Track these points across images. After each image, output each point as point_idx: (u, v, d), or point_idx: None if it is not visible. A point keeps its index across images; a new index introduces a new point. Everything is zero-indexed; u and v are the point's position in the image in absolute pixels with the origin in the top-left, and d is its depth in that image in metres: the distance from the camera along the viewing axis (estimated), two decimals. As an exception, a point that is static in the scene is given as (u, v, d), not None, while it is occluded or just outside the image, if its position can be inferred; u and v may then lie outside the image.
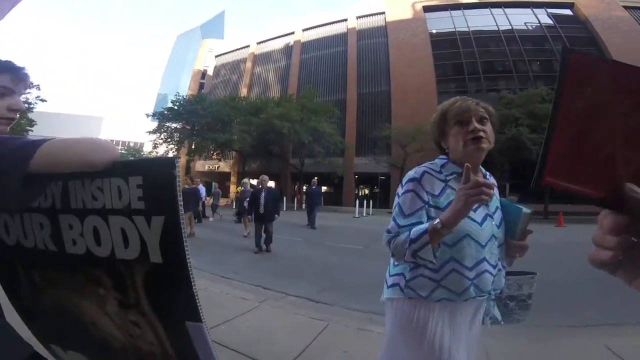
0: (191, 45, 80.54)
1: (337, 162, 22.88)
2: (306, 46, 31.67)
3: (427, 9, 27.24)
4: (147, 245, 0.64)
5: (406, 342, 1.09)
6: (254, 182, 10.38)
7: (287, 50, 32.70)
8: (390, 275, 1.15)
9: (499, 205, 1.12)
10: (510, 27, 25.33)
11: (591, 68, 0.35)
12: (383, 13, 28.43)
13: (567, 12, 25.44)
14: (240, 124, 22.73)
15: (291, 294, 3.72)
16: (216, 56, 39.25)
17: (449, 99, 1.14)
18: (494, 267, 1.05)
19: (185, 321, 0.65)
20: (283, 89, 29.55)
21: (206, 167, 32.39)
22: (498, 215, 1.10)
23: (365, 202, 17.54)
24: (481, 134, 1.02)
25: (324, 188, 32.38)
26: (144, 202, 0.64)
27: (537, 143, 15.99)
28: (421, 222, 1.00)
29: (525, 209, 1.05)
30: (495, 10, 26.26)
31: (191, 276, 0.62)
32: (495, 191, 1.11)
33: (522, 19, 25.72)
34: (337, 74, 28.47)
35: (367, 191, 28.80)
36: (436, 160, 1.13)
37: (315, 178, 11.97)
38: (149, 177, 0.64)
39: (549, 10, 25.56)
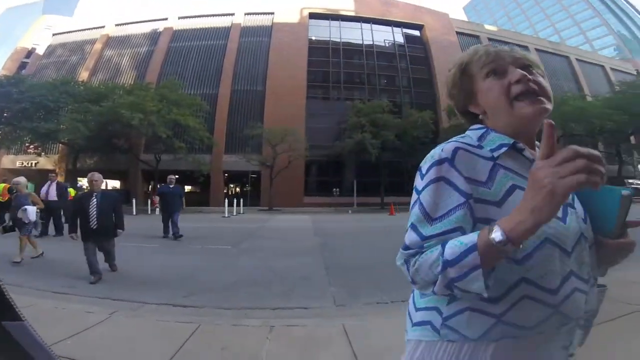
0: (24, 20, 61.06)
1: (203, 159, 21.56)
2: (179, 34, 28.69)
3: (312, 15, 28.70)
4: None
5: None
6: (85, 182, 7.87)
7: (154, 35, 28.80)
8: (417, 310, 0.77)
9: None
10: (372, 43, 29.26)
11: None
12: (272, 13, 28.50)
13: (417, 33, 30.84)
14: (73, 112, 18.56)
15: (151, 302, 3.44)
16: (54, 34, 30.95)
17: (468, 49, 0.81)
18: (586, 281, 0.69)
19: (1, 322, 0.58)
20: (140, 77, 25.71)
21: (18, 164, 24.67)
22: (579, 205, 0.72)
23: (235, 200, 17.26)
24: (533, 85, 0.70)
25: (187, 187, 29.86)
26: None
27: (376, 147, 19.61)
28: (461, 230, 0.64)
29: (625, 190, 0.67)
30: (365, 25, 29.66)
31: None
32: None
33: (383, 35, 29.84)
34: (211, 67, 26.87)
35: (237, 189, 28.30)
36: (468, 132, 0.77)
37: (174, 176, 9.05)
38: None
39: (404, 30, 30.53)
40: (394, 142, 20.63)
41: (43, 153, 22.36)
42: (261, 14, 28.97)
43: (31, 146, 21.12)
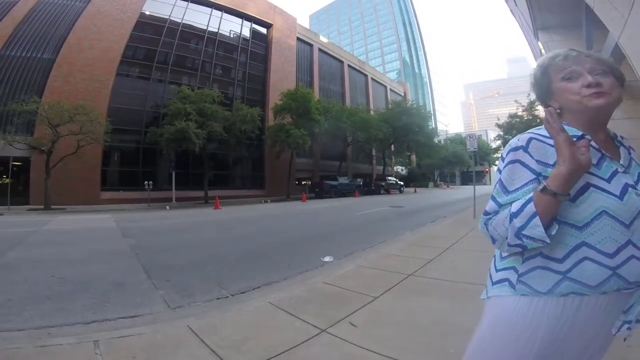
0: None
1: None
2: None
3: None
4: None
5: (510, 347, 0.84)
6: None
7: None
8: (497, 270, 0.92)
9: None
10: (216, 31, 26.84)
11: None
12: None
13: (264, 31, 30.55)
14: None
15: None
16: None
17: (549, 53, 0.94)
18: None
19: None
20: None
21: None
22: None
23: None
24: (599, 88, 0.82)
25: None
26: None
27: (201, 137, 18.43)
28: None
29: None
30: (215, 12, 26.90)
31: None
32: (633, 154, 0.90)
33: (230, 26, 27.97)
34: None
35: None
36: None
37: None
38: None
39: (253, 26, 29.65)
40: (221, 134, 19.98)
41: None
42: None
43: None
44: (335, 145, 32.35)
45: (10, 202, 14.81)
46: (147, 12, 23.83)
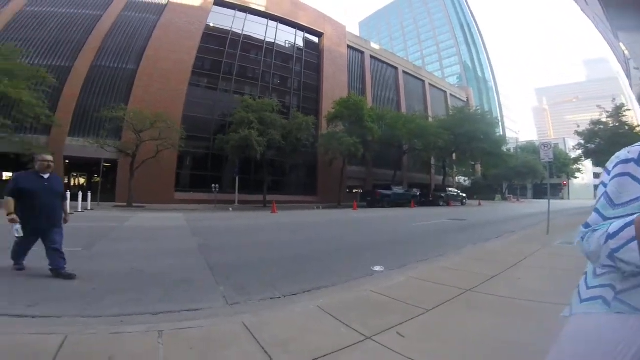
0: None
1: (36, 140, 16.70)
2: None
3: (217, 2, 26.21)
4: None
5: None
6: None
7: None
8: (589, 287, 0.88)
9: None
10: (273, 41, 28.77)
11: None
12: None
13: (315, 40, 31.86)
14: None
15: None
16: None
17: None
18: None
19: None
20: None
21: None
22: None
23: (81, 194, 13.94)
24: None
25: (7, 175, 22.55)
26: None
27: (262, 145, 19.52)
28: None
29: None
30: (271, 23, 28.93)
31: None
32: None
33: (285, 36, 29.75)
34: (71, 38, 21.47)
35: (82, 180, 23.04)
36: None
37: (49, 157, 3.91)
38: None
39: (305, 35, 31.14)
40: (279, 142, 20.97)
41: None
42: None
43: None
44: (390, 153, 31.51)
45: (100, 199, 17.26)
46: (212, 24, 26.11)
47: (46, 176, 3.95)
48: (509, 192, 49.73)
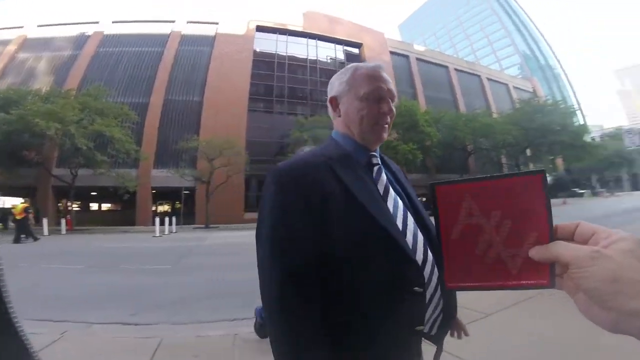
0: None
1: (128, 174, 19.60)
2: (109, 39, 26.15)
3: (259, 28, 28.63)
4: None
5: None
6: None
7: (80, 39, 25.86)
8: None
9: None
10: (315, 58, 30.12)
11: (453, 192, 0.42)
12: (217, 23, 27.62)
13: (356, 51, 32.44)
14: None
15: (95, 321, 3.14)
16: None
17: None
18: None
19: None
20: (58, 83, 22.54)
21: None
22: None
23: (167, 219, 15.87)
24: None
25: (105, 206, 26.70)
26: None
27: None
28: None
29: None
30: (311, 41, 30.41)
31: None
32: None
33: (326, 52, 30.96)
34: (143, 75, 24.88)
35: (167, 207, 26.16)
36: None
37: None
38: None
39: (345, 48, 32.02)
40: (334, 157, 21.28)
41: None
42: (204, 23, 27.93)
43: None
44: (454, 156, 29.68)
45: (183, 222, 19.41)
46: (258, 50, 27.92)
47: None
48: (601, 185, 42.90)
